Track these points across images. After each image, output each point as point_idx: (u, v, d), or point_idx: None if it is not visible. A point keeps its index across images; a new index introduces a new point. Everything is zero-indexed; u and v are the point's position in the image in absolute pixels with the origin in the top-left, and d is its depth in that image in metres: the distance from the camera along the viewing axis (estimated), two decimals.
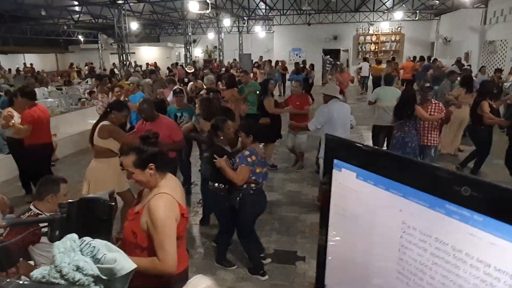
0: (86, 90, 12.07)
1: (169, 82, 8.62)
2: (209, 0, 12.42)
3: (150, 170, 2.10)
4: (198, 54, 28.15)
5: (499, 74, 10.76)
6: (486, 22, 14.55)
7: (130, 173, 2.11)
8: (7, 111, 5.38)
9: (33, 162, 5.53)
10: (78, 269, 1.04)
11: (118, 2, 12.52)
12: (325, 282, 0.65)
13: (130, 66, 18.97)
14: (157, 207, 2.01)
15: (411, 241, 0.51)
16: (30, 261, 2.66)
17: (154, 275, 2.04)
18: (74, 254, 1.06)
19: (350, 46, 21.71)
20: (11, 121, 5.16)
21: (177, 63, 22.98)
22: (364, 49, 21.56)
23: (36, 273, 1.03)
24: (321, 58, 21.62)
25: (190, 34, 17.77)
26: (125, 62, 13.13)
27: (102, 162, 4.20)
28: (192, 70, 14.49)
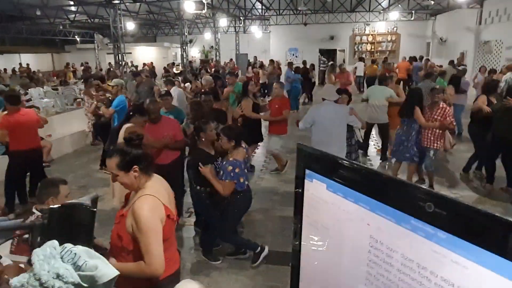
0: (82, 90, 12.01)
1: (167, 83, 8.38)
2: (205, 0, 12.40)
3: (134, 173, 2.08)
4: (195, 54, 28.11)
5: (493, 74, 10.77)
6: (482, 22, 14.59)
7: (114, 175, 2.09)
8: None
9: (17, 168, 5.39)
10: (58, 276, 1.02)
11: (113, 2, 12.48)
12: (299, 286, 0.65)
13: (126, 66, 18.93)
14: (141, 209, 1.99)
15: (379, 255, 0.50)
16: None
17: (142, 279, 2.02)
18: (55, 261, 1.04)
19: (347, 46, 21.73)
20: None
21: (173, 63, 22.95)
22: (360, 49, 21.58)
23: (15, 281, 1.02)
24: (317, 58, 21.63)
25: (186, 34, 17.73)
26: (121, 62, 13.08)
27: None
28: (179, 71, 14.41)
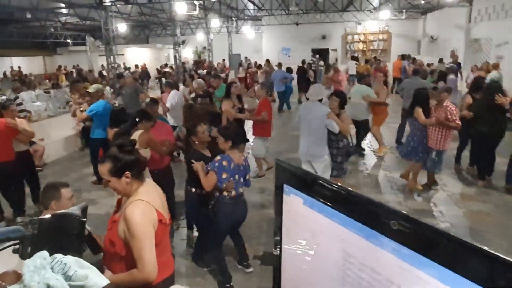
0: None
1: (166, 85, 8.10)
2: (196, 1, 12.38)
3: (126, 179, 2.09)
4: (188, 55, 28.05)
5: (485, 71, 10.89)
6: (471, 20, 14.73)
7: (106, 181, 2.10)
8: None
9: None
10: (48, 287, 1.03)
11: (104, 4, 12.42)
12: None
13: (119, 67, 18.82)
14: (133, 215, 1.99)
15: (352, 269, 0.52)
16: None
17: (136, 285, 2.03)
18: (45, 272, 1.05)
19: (339, 45, 21.83)
20: None
21: (166, 64, 22.90)
22: (352, 48, 21.69)
23: None
24: (310, 57, 21.70)
25: (178, 35, 17.69)
26: (113, 65, 13.03)
27: None
28: (167, 70, 14.30)
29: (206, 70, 17.69)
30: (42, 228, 1.15)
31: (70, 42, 25.71)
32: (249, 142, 7.10)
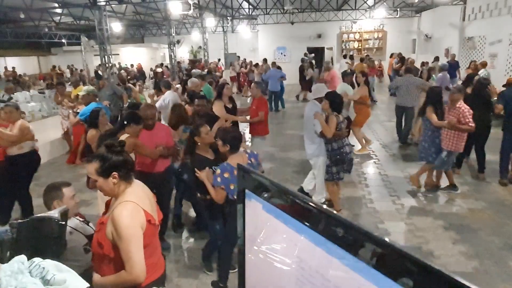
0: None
1: (165, 86, 7.84)
2: (191, 0, 12.35)
3: (113, 179, 2.09)
4: (184, 54, 27.98)
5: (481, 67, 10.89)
6: (465, 18, 14.78)
7: (93, 181, 2.10)
8: None
9: None
10: None
11: (98, 4, 12.36)
12: None
13: (114, 67, 18.71)
14: (120, 216, 1.99)
15: (304, 275, 0.52)
16: None
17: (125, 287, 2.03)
18: (22, 277, 1.05)
19: (334, 44, 21.83)
20: None
21: (162, 64, 22.84)
22: (348, 46, 21.70)
23: None
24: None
25: (173, 34, 17.65)
26: (107, 64, 12.97)
27: None
28: (160, 70, 14.14)
29: (200, 69, 17.67)
30: (21, 231, 1.15)
31: (65, 42, 25.58)
32: (247, 142, 7.07)
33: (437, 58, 12.75)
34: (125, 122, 3.97)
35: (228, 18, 23.67)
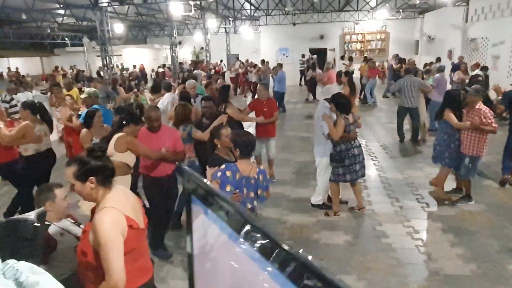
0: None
1: (165, 88, 7.71)
2: (192, 1, 12.36)
3: (90, 184, 2.05)
4: (186, 55, 28.06)
5: (485, 71, 10.86)
6: (468, 20, 14.72)
7: (71, 184, 2.08)
8: None
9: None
10: None
11: (100, 5, 12.41)
12: None
13: (117, 68, 18.77)
14: (100, 223, 1.96)
15: (237, 281, 0.51)
16: None
17: None
18: None
19: (337, 45, 21.81)
20: None
21: (164, 65, 22.91)
22: (350, 48, 21.68)
23: None
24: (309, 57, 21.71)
25: (175, 35, 17.69)
26: (108, 65, 13.01)
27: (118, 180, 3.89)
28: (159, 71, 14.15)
29: (202, 70, 17.69)
30: None
31: (68, 42, 25.70)
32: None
33: (439, 59, 12.69)
34: (124, 122, 3.89)
35: (230, 19, 23.70)
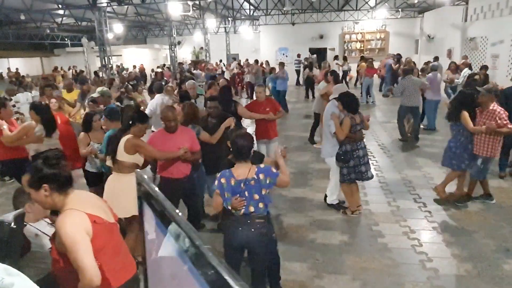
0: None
1: (156, 89, 7.62)
2: (190, 1, 12.36)
3: (44, 191, 2.01)
4: (186, 55, 28.06)
5: (484, 70, 10.79)
6: (467, 19, 14.69)
7: (27, 192, 2.05)
8: None
9: None
10: None
11: (98, 5, 12.41)
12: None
13: (117, 68, 18.81)
14: (61, 226, 1.94)
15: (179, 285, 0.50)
16: None
17: None
18: None
19: (336, 44, 21.78)
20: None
21: (164, 65, 22.91)
22: (350, 47, 21.65)
23: None
24: (309, 56, 21.69)
25: (174, 35, 17.69)
26: (107, 66, 13.01)
27: (127, 177, 3.82)
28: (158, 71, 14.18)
29: (202, 70, 17.69)
30: None
31: (68, 43, 25.73)
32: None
33: (436, 58, 12.66)
34: (130, 122, 3.87)
35: (229, 19, 23.70)
